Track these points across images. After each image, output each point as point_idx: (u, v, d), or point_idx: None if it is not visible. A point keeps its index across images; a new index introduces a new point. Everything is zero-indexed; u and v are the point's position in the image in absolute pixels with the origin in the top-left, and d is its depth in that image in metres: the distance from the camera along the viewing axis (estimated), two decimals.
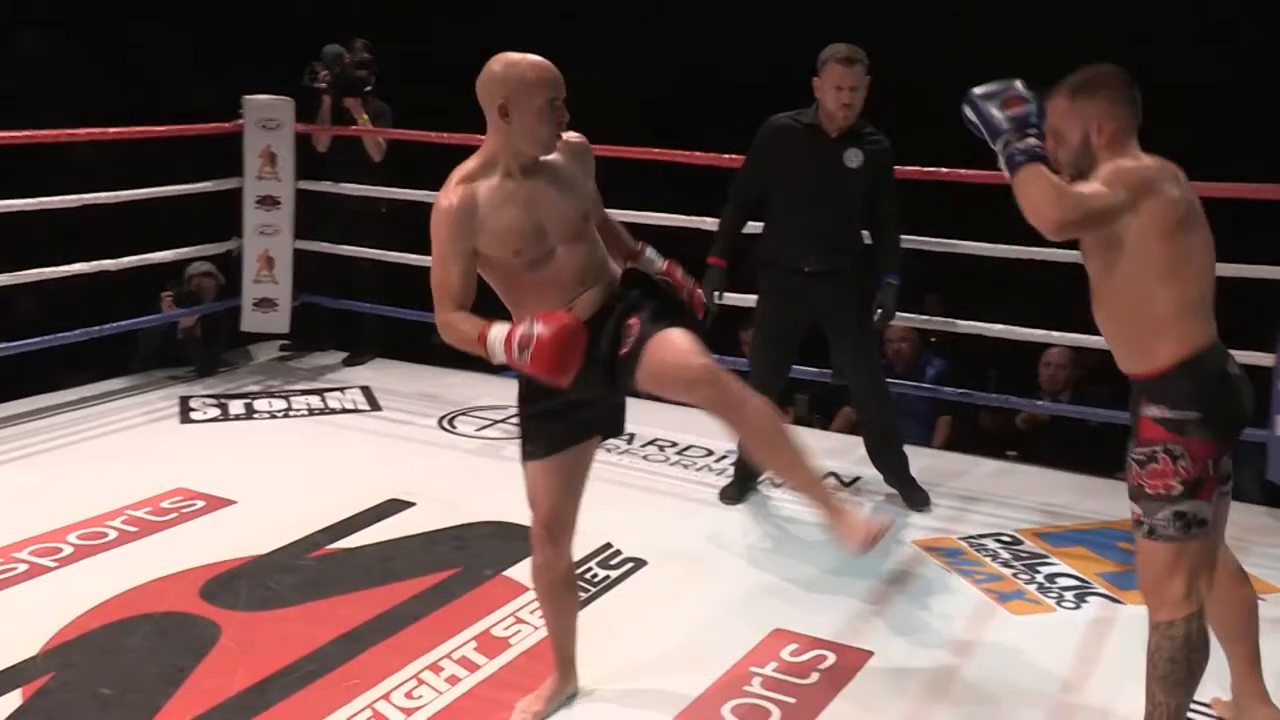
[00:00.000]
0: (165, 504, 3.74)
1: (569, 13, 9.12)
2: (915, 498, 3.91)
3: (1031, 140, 2.17)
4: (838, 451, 4.35)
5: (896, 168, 3.86)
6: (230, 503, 3.76)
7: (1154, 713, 2.28)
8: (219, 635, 2.92)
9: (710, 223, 4.14)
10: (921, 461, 4.36)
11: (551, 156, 2.40)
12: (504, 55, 2.35)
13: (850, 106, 3.64)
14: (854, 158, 3.69)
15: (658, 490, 4.06)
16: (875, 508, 3.89)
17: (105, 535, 3.50)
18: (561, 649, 2.69)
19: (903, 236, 3.92)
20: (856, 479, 4.14)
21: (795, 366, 4.40)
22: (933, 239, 4.40)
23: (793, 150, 3.73)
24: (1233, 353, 2.31)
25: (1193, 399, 2.18)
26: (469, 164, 2.37)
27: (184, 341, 5.14)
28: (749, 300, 4.10)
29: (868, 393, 3.94)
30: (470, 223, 2.31)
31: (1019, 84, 2.23)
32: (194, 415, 4.68)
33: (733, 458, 4.36)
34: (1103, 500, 4.04)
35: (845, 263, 3.76)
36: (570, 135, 2.42)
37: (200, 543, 3.45)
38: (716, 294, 3.81)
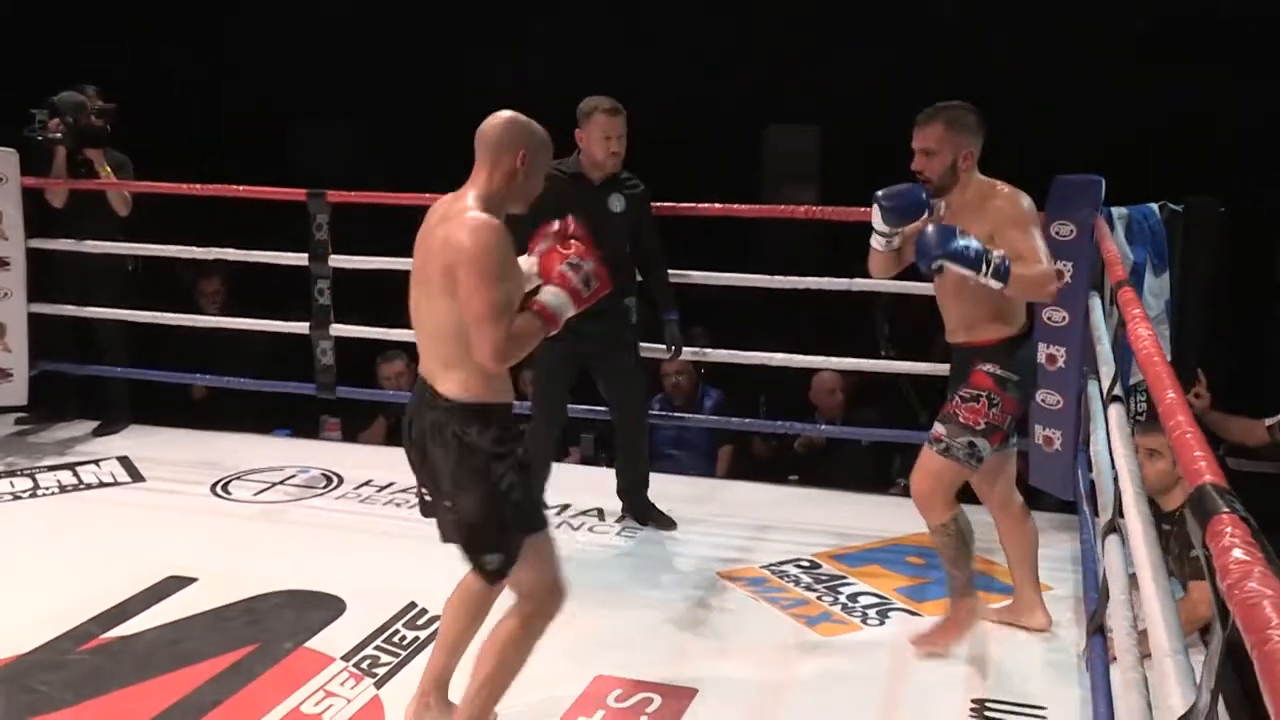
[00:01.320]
0: None
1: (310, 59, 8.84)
2: (663, 521, 4.08)
3: (997, 253, 2.71)
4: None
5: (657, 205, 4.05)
6: None
7: (955, 584, 3.05)
8: None
9: None
10: (707, 491, 4.44)
11: None
12: (520, 115, 2.43)
13: (617, 155, 3.79)
14: (617, 202, 3.85)
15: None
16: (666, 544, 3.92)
17: None
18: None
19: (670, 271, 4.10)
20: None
21: (581, 406, 4.49)
22: (696, 272, 4.47)
23: (559, 198, 3.77)
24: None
25: (1016, 366, 2.89)
26: (477, 202, 2.33)
27: None
28: None
29: (636, 430, 4.09)
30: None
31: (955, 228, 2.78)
32: None
33: None
34: (886, 518, 4.22)
35: (614, 303, 3.82)
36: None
37: None
38: None
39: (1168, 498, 3.33)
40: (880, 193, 2.90)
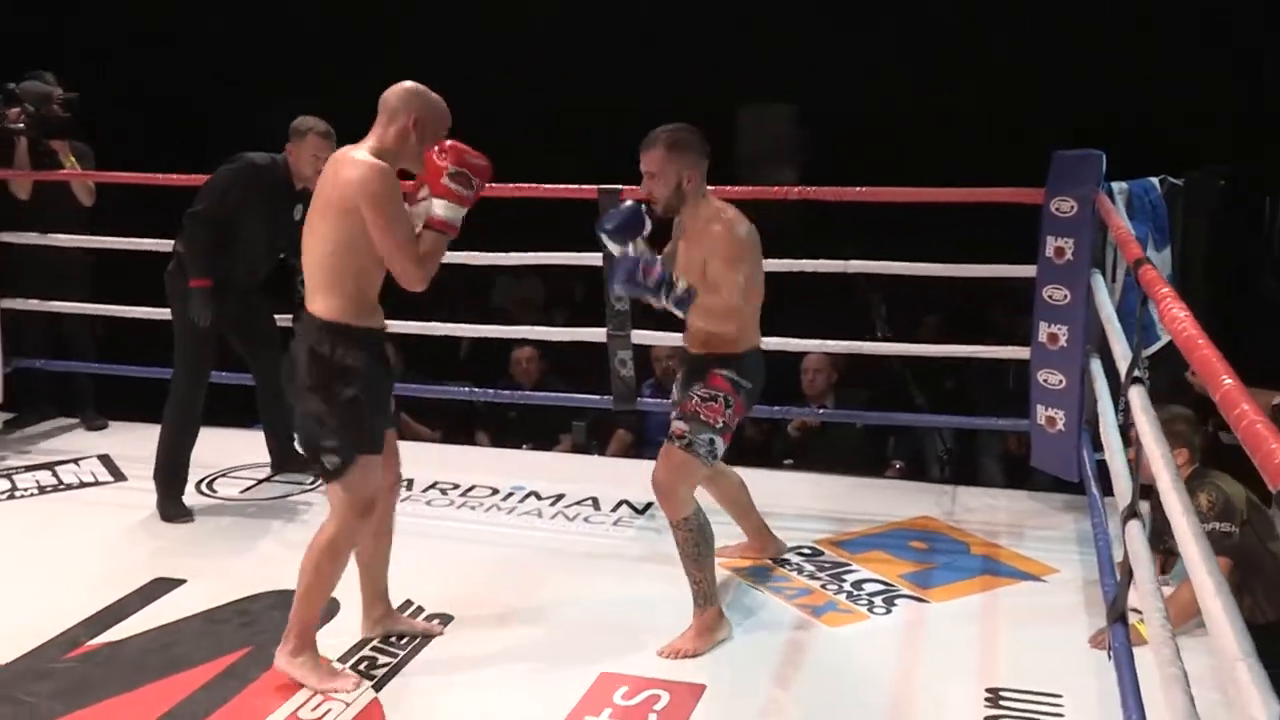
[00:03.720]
0: None
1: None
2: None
3: (681, 285, 2.87)
4: (614, 479, 4.30)
5: None
6: None
7: (698, 589, 3.04)
8: None
9: None
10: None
11: None
12: (421, 86, 2.80)
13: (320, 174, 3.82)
14: (299, 212, 3.86)
15: (450, 536, 3.85)
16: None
17: None
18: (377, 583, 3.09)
19: None
20: (649, 504, 4.05)
21: (572, 395, 4.62)
22: None
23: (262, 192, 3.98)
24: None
25: (749, 375, 3.04)
26: (371, 153, 2.71)
27: None
28: None
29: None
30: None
31: (637, 242, 2.98)
32: None
33: (520, 494, 4.23)
34: (884, 501, 4.17)
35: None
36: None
37: None
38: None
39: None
40: (601, 219, 3.06)
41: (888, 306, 6.27)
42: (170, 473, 4.02)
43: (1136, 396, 2.35)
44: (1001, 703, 2.77)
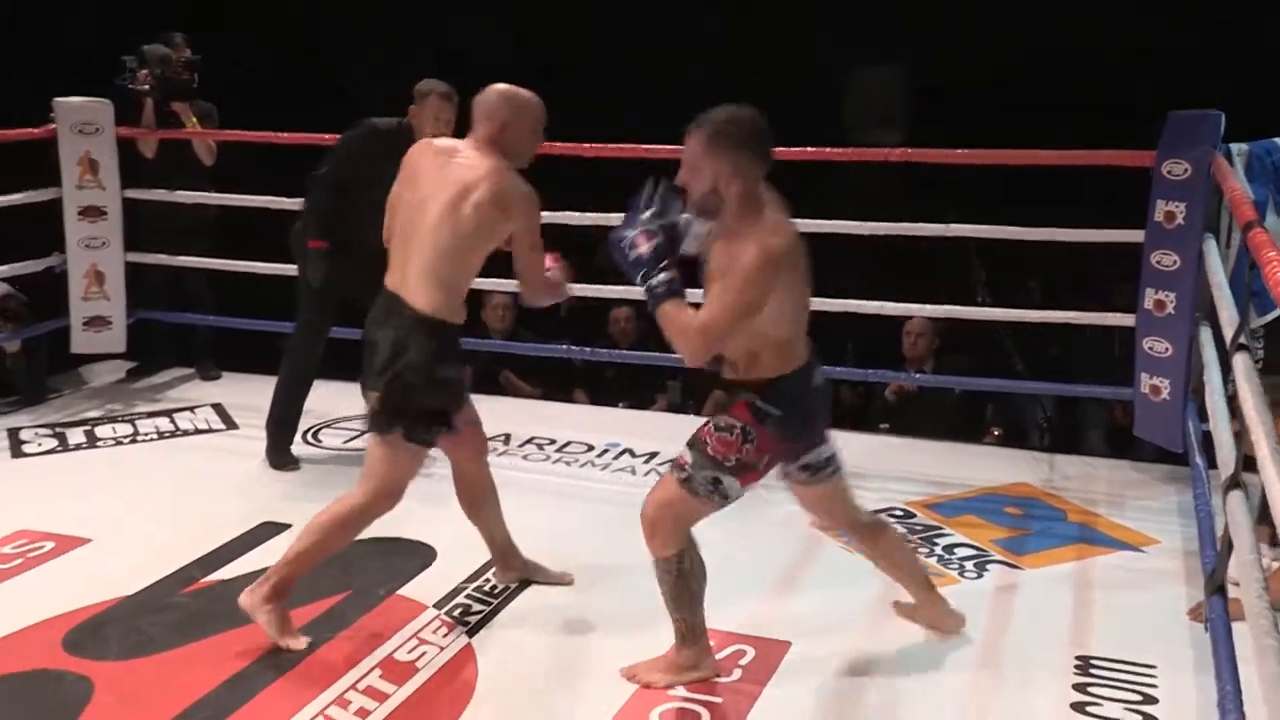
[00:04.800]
0: (6, 549, 3.39)
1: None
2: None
3: (661, 276, 2.40)
4: None
5: None
6: (83, 541, 3.44)
7: (676, 628, 2.68)
8: (92, 691, 2.65)
9: None
10: None
11: None
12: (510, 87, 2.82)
13: (443, 136, 3.77)
14: None
15: (543, 490, 3.93)
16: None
17: None
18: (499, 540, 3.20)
19: None
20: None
21: (669, 354, 4.42)
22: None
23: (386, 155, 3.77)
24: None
25: (781, 400, 2.51)
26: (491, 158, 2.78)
27: (11, 369, 4.71)
28: None
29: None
30: None
31: (646, 214, 2.44)
32: (26, 449, 4.29)
33: (614, 450, 4.29)
34: (979, 467, 4.13)
35: None
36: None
37: (55, 589, 3.14)
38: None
39: None
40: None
41: (989, 272, 6.15)
42: (281, 423, 4.16)
43: (1240, 364, 2.28)
44: (1092, 670, 2.74)
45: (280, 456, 4.12)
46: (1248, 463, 2.49)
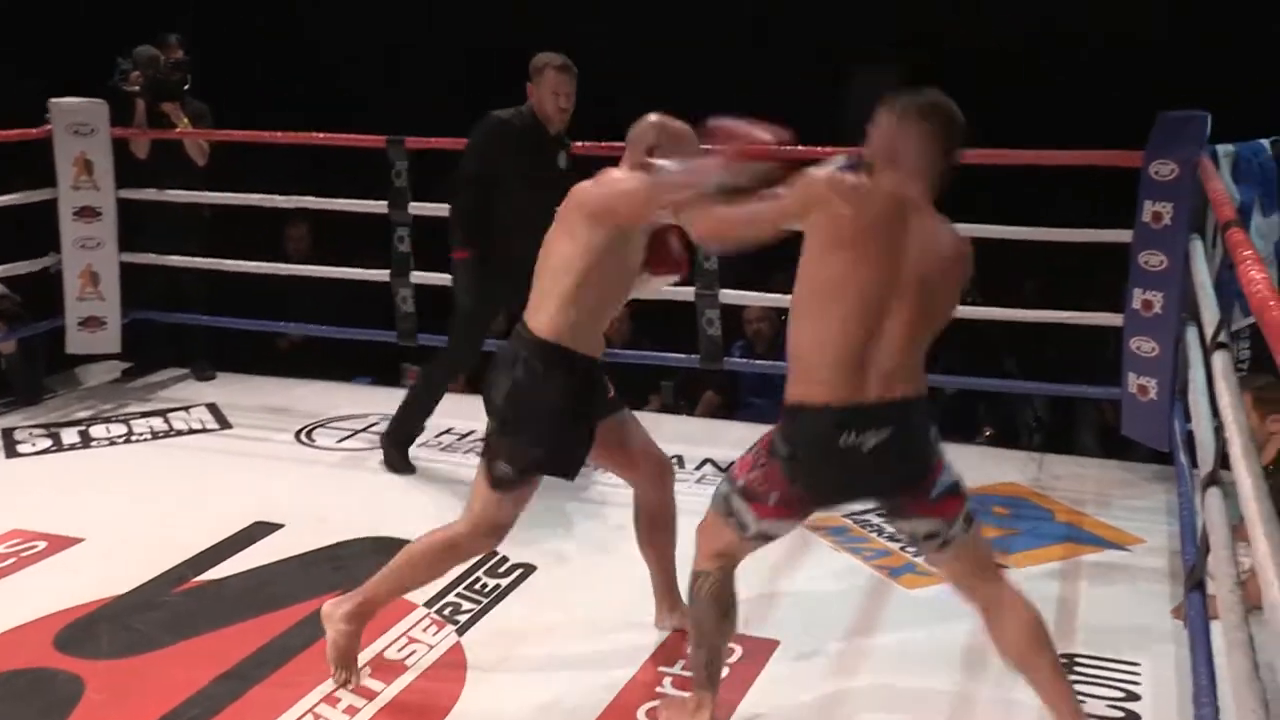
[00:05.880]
0: None
1: None
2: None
3: (714, 182, 2.38)
4: (700, 437, 4.36)
5: None
6: (76, 541, 3.46)
7: (692, 667, 2.54)
8: (83, 689, 2.67)
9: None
10: None
11: None
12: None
13: (566, 111, 3.79)
14: (564, 159, 3.87)
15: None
16: None
17: None
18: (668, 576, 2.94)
19: None
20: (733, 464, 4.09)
21: (661, 354, 4.70)
22: None
23: (517, 144, 3.81)
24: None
25: (793, 439, 2.26)
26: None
27: (6, 369, 4.73)
28: None
29: None
30: None
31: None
32: (21, 448, 4.31)
33: None
34: (970, 467, 4.05)
35: None
36: None
37: (47, 588, 3.16)
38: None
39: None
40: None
41: (983, 270, 6.14)
42: (401, 432, 4.07)
43: (1219, 363, 2.31)
44: (1076, 668, 2.76)
45: (399, 460, 4.06)
46: (1227, 460, 2.52)
